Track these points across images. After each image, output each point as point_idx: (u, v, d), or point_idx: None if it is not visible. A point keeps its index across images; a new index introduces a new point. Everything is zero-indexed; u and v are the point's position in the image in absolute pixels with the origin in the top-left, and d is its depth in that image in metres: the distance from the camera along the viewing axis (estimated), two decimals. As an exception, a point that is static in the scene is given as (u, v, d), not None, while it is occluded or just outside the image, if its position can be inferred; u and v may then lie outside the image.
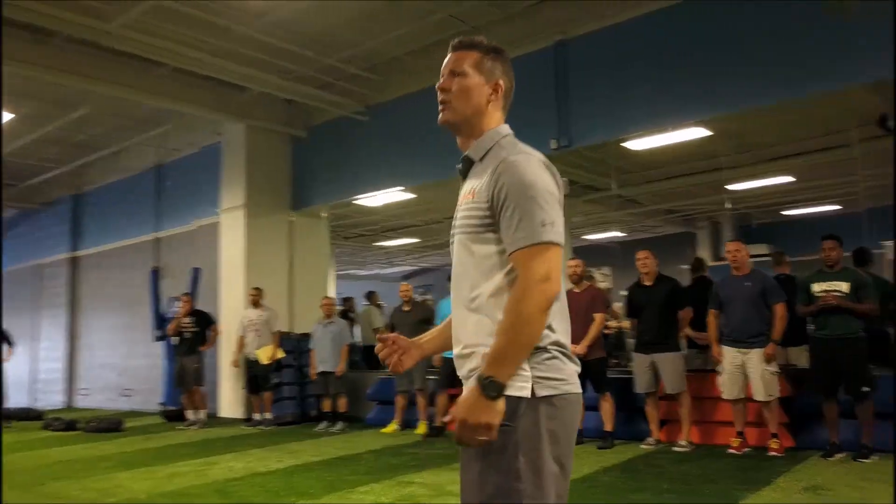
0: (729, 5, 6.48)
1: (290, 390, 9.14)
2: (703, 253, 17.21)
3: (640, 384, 6.11)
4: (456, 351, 1.71)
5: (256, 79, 8.28)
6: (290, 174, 10.22)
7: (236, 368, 8.87)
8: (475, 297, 1.62)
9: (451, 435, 7.54)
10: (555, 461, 1.54)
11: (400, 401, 7.84)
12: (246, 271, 9.44)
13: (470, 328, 1.63)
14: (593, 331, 6.26)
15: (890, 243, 13.34)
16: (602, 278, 14.70)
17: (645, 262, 6.26)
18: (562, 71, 7.44)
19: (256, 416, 8.68)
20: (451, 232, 1.74)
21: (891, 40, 5.26)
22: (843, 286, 5.26)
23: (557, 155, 7.54)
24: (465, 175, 1.75)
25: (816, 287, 5.38)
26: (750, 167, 11.12)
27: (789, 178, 11.77)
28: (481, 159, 1.70)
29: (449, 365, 7.19)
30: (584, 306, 6.30)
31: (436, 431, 7.32)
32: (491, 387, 1.46)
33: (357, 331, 11.16)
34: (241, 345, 8.66)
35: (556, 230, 1.54)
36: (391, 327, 7.96)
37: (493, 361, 1.49)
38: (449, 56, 1.76)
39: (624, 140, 8.07)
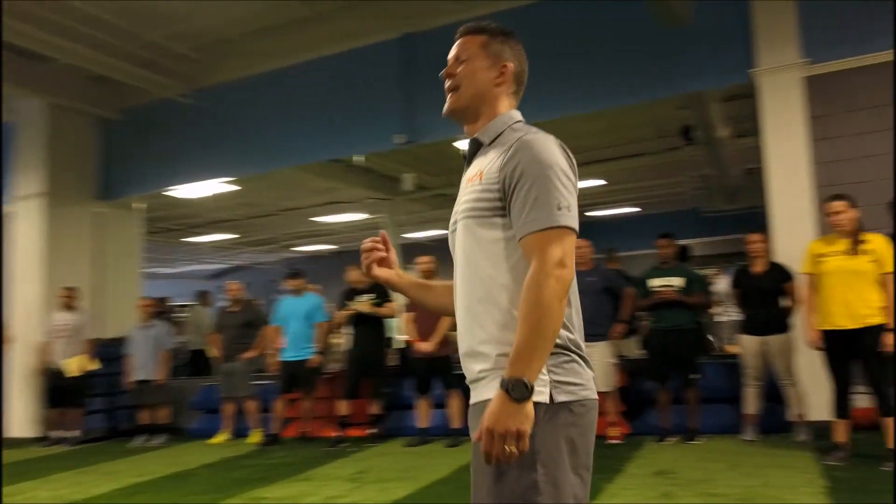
0: (557, 16, 6.84)
1: (98, 402, 8.14)
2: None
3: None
4: (462, 349, 1.56)
5: (62, 48, 7.21)
6: (98, 160, 9.10)
7: (39, 379, 7.76)
8: (482, 287, 1.50)
9: (287, 442, 7.54)
10: (574, 473, 1.41)
11: (228, 409, 7.27)
12: (44, 268, 8.28)
13: (478, 321, 1.50)
14: (443, 327, 6.20)
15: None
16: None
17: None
18: (408, 65, 7.32)
19: (55, 434, 7.63)
20: (453, 219, 1.61)
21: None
22: (677, 281, 5.66)
23: (392, 151, 7.48)
24: (469, 159, 1.64)
25: (653, 282, 5.74)
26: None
27: (601, 182, 12.63)
28: (491, 143, 1.60)
29: (288, 368, 6.79)
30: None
31: (272, 439, 6.88)
32: (518, 388, 1.33)
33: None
34: (46, 352, 7.59)
35: (572, 215, 1.45)
36: (218, 328, 7.40)
37: (516, 359, 1.36)
38: (455, 43, 1.68)
39: (457, 140, 8.08)
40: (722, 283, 9.18)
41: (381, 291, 6.63)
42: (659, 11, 5.86)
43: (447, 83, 1.65)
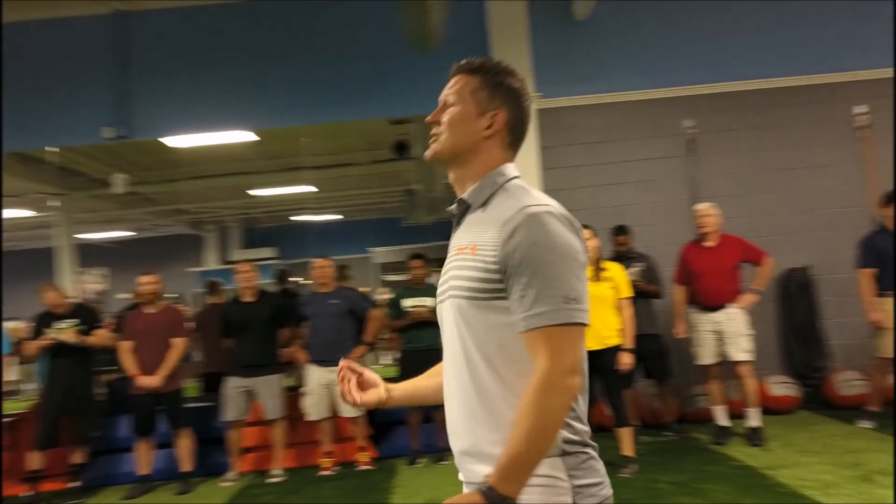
0: (294, 22, 6.55)
1: None
2: (211, 256, 16.89)
3: (232, 411, 5.52)
4: (462, 446, 1.34)
5: None
6: None
7: None
8: (486, 380, 1.29)
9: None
10: None
11: None
12: None
13: (486, 419, 1.29)
14: (172, 358, 5.40)
15: (378, 249, 15.29)
16: (96, 280, 13.11)
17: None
18: (123, 48, 6.26)
19: None
20: (441, 289, 1.41)
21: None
22: (431, 301, 5.67)
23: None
24: (458, 220, 1.44)
25: (407, 302, 5.68)
26: (283, 174, 11.34)
27: (312, 188, 12.40)
28: (482, 205, 1.38)
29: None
30: (161, 330, 5.42)
31: None
32: (496, 499, 1.19)
33: None
34: None
35: (583, 308, 1.25)
36: None
37: (505, 472, 1.20)
38: (449, 81, 1.47)
39: (166, 135, 7.17)
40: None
41: (87, 316, 5.56)
42: (413, 34, 5.87)
43: (436, 124, 1.45)
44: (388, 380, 1.65)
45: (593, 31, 6.59)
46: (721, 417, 5.44)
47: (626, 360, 4.80)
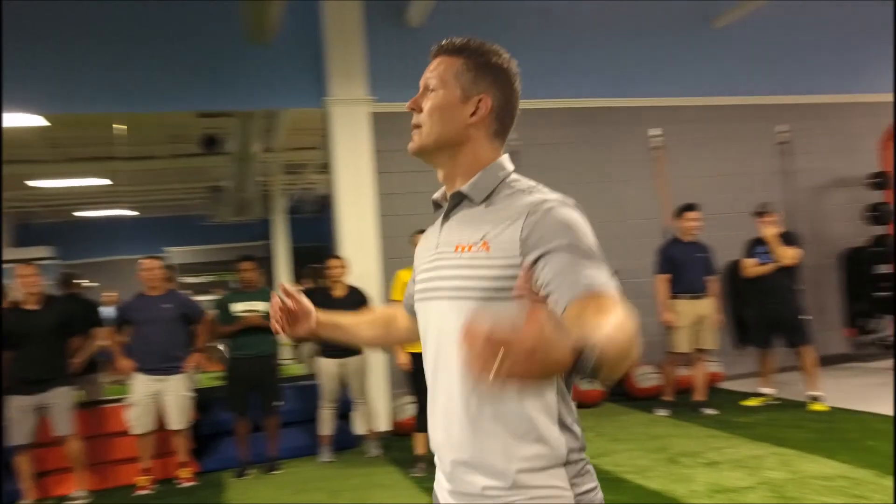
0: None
1: None
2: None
3: (19, 434, 4.84)
4: (457, 455, 1.26)
5: None
6: None
7: None
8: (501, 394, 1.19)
9: None
10: None
11: None
12: None
13: (486, 429, 1.22)
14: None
15: (175, 248, 14.37)
16: None
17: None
18: None
19: None
20: (424, 287, 1.35)
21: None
22: (262, 305, 5.43)
23: None
24: (447, 216, 1.35)
25: (237, 307, 5.38)
26: (71, 164, 10.24)
27: (105, 181, 11.31)
28: (485, 201, 1.30)
29: None
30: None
31: None
32: (589, 351, 0.93)
33: None
34: None
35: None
36: None
37: (606, 339, 0.97)
38: (429, 63, 1.36)
39: None
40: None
41: None
42: (252, 26, 5.62)
43: (413, 118, 1.34)
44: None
45: (427, 39, 6.66)
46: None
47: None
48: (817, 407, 5.68)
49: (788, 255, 5.79)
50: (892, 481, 3.84)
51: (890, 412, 5.20)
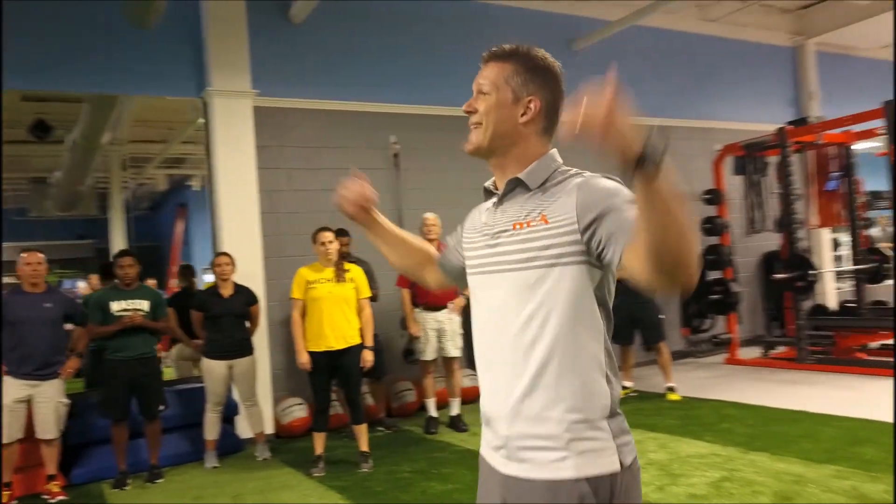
0: None
1: None
2: None
3: None
4: (508, 417, 1.42)
5: None
6: None
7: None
8: (554, 341, 1.37)
9: None
10: None
11: None
12: None
13: (547, 385, 1.38)
14: None
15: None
16: None
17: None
18: None
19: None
20: (480, 263, 1.51)
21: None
22: (144, 304, 5.08)
23: None
24: (500, 200, 1.51)
25: (116, 306, 4.99)
26: None
27: None
28: (540, 187, 1.45)
29: None
30: None
31: None
32: (655, 153, 1.13)
33: None
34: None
35: None
36: None
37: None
38: (484, 69, 1.51)
39: None
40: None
41: None
42: (133, 8, 5.27)
43: (473, 112, 1.49)
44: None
45: (309, 36, 6.63)
46: (432, 409, 5.95)
47: (368, 358, 4.99)
48: (673, 397, 6.35)
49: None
50: (756, 456, 4.44)
51: (722, 398, 6.00)
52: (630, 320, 6.33)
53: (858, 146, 8.14)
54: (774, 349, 8.01)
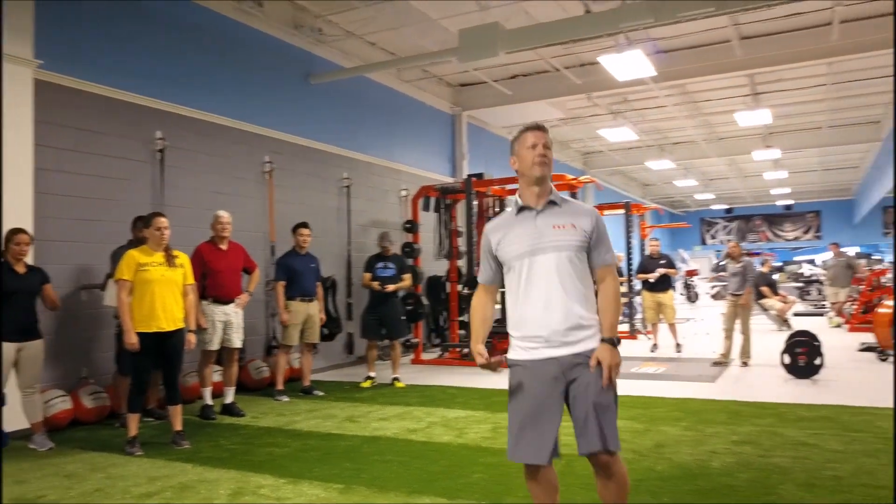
0: None
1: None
2: None
3: None
4: (564, 325, 2.62)
5: None
6: None
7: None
8: (578, 290, 2.65)
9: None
10: None
11: None
12: None
13: (576, 308, 2.64)
14: None
15: None
16: None
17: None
18: None
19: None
20: (534, 244, 2.66)
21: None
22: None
23: None
24: (540, 212, 2.72)
25: None
26: None
27: None
28: (559, 204, 2.74)
29: None
30: None
31: None
32: (616, 342, 2.65)
33: None
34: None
35: None
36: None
37: (612, 330, 2.65)
38: (539, 133, 2.72)
39: None
40: None
41: None
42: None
43: (544, 158, 2.69)
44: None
45: (100, 12, 6.46)
46: (209, 397, 6.24)
47: (192, 340, 5.25)
48: (400, 384, 7.68)
49: (406, 279, 7.75)
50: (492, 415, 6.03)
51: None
52: (378, 321, 7.51)
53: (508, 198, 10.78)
54: (447, 352, 9.95)
